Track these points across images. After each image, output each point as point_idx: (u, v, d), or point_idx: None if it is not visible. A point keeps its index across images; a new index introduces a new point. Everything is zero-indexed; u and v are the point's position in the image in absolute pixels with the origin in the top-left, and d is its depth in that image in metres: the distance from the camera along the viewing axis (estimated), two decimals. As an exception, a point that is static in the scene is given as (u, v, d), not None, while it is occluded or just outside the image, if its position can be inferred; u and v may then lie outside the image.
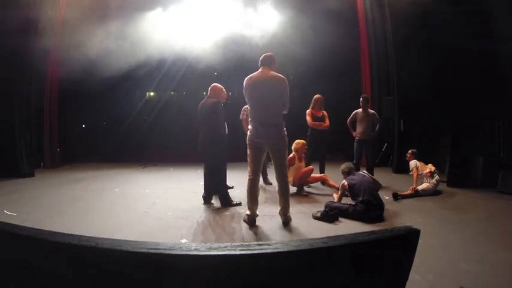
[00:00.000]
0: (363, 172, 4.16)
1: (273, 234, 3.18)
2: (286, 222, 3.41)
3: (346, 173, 4.18)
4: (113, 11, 7.22)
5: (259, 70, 3.44)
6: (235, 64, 7.53)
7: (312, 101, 5.50)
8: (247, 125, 3.54)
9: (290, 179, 4.70)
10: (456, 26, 5.05)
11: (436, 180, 4.76)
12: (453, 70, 5.48)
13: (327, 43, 7.19)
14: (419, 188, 4.68)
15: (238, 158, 5.07)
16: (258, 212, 3.49)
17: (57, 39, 7.12)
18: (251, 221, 3.42)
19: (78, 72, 6.60)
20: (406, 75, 6.63)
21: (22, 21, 5.84)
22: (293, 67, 9.49)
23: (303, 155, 5.07)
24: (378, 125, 5.52)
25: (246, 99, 3.46)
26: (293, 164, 4.82)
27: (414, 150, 5.21)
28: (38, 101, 7.10)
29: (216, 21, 7.54)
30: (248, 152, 3.44)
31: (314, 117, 5.41)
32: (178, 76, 8.37)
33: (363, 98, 5.55)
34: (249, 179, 3.43)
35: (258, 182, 3.51)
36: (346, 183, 3.94)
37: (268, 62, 3.45)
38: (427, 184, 4.72)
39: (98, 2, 7.14)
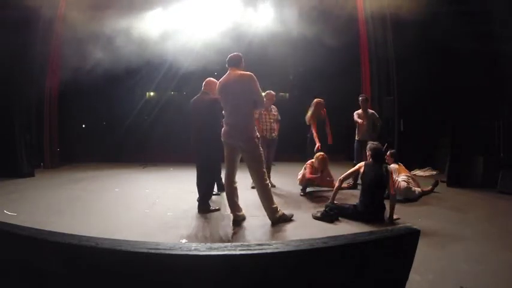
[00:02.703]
0: (387, 167, 3.71)
1: (272, 235, 3.18)
2: (274, 222, 3.39)
3: (371, 155, 3.72)
4: (113, 10, 7.21)
5: (227, 72, 3.40)
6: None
7: (313, 106, 5.37)
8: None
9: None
10: (456, 26, 5.06)
11: (411, 185, 4.44)
12: (453, 70, 5.48)
13: (327, 43, 7.18)
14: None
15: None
16: (243, 213, 3.50)
17: (57, 39, 7.12)
18: (236, 221, 3.41)
19: (78, 72, 6.60)
20: (406, 75, 6.63)
21: (22, 21, 5.84)
22: (293, 67, 9.53)
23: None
24: (378, 125, 5.52)
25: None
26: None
27: (393, 151, 5.08)
28: (38, 101, 7.09)
29: (216, 20, 7.54)
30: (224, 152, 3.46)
31: (318, 120, 5.32)
32: (178, 76, 8.36)
33: (362, 98, 5.53)
34: (224, 180, 3.47)
35: (233, 182, 3.45)
36: (362, 167, 3.63)
37: (234, 63, 3.39)
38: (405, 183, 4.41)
39: (98, 2, 7.14)
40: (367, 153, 3.84)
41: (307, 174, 4.72)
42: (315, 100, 5.43)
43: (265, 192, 3.35)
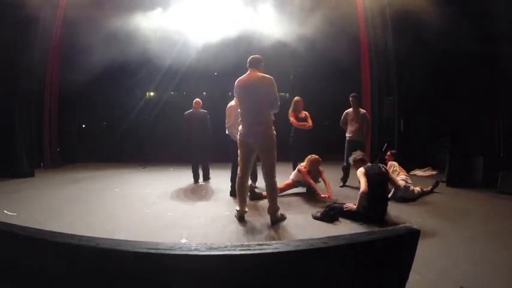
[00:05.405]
0: (381, 166, 3.73)
1: (272, 235, 3.18)
2: (274, 222, 3.45)
3: (360, 161, 3.84)
4: (113, 10, 7.21)
5: (248, 72, 3.52)
6: (235, 64, 7.52)
7: (293, 103, 5.57)
8: None
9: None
10: (456, 27, 5.05)
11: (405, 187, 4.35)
12: (453, 70, 5.49)
13: (327, 44, 7.18)
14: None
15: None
16: (246, 209, 3.65)
17: (57, 38, 7.12)
18: (239, 216, 3.57)
19: (78, 72, 6.59)
20: (406, 75, 6.63)
21: (22, 21, 5.85)
22: (293, 67, 9.54)
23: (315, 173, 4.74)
24: (368, 126, 5.46)
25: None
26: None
27: (393, 151, 5.16)
28: (38, 101, 7.09)
29: (217, 21, 7.54)
30: (238, 151, 3.57)
31: (297, 118, 5.50)
32: (178, 76, 8.36)
33: (352, 96, 5.44)
34: (237, 178, 3.59)
35: (247, 181, 3.63)
36: (363, 170, 3.61)
37: (255, 64, 3.52)
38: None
39: (98, 2, 7.14)
40: (355, 166, 3.86)
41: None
42: (295, 98, 5.60)
43: (274, 190, 3.49)
